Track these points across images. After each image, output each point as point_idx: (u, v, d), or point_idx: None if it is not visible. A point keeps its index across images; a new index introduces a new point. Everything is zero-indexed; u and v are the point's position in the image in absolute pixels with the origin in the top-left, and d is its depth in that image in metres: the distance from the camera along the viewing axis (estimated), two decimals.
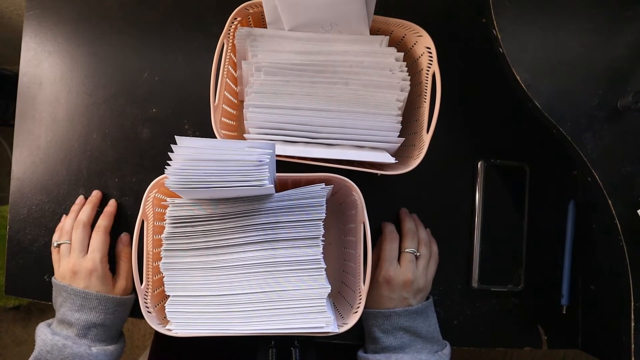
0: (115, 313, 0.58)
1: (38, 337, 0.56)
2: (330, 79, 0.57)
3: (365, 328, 0.60)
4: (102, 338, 0.57)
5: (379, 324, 0.57)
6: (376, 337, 0.57)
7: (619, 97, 0.55)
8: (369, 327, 0.59)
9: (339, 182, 0.55)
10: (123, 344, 0.62)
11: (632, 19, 0.55)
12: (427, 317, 0.59)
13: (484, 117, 0.69)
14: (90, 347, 0.55)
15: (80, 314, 0.56)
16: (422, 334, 0.57)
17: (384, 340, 0.57)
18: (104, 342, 0.57)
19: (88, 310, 0.56)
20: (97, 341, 0.57)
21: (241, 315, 0.52)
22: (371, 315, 0.58)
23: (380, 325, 0.57)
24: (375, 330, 0.58)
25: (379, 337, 0.57)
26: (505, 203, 0.67)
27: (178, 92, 0.67)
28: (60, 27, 0.68)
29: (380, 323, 0.57)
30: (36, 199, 0.66)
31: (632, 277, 0.55)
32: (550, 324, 0.68)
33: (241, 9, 0.57)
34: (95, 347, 0.56)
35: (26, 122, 0.67)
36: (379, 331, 0.57)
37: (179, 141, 0.45)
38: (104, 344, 0.57)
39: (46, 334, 0.55)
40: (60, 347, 0.54)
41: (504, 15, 0.56)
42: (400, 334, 0.56)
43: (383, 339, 0.57)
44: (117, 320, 0.59)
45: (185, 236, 0.53)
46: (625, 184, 0.55)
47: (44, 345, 0.54)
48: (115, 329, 0.60)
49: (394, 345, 0.56)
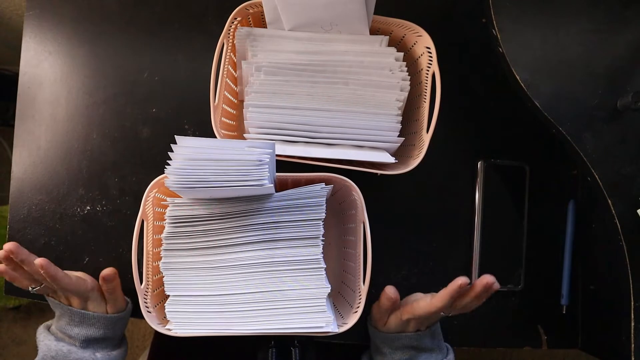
0: (114, 328, 0.59)
1: (41, 342, 0.56)
2: (330, 79, 0.57)
3: (372, 338, 0.61)
4: (104, 346, 0.58)
5: (388, 343, 0.59)
6: (384, 352, 0.59)
7: (619, 97, 0.55)
8: (378, 342, 0.60)
9: (338, 182, 0.55)
10: (126, 347, 0.62)
11: (632, 19, 0.55)
12: (434, 332, 0.59)
13: (484, 117, 0.69)
14: (95, 353, 0.56)
15: (80, 329, 0.56)
16: (428, 347, 0.58)
17: (392, 356, 0.58)
18: (107, 349, 0.58)
19: (87, 326, 0.57)
20: (100, 349, 0.57)
21: (241, 315, 0.52)
22: (381, 336, 0.59)
23: (389, 344, 0.58)
24: (384, 346, 0.59)
25: (386, 352, 0.59)
26: (505, 203, 0.67)
27: (178, 92, 0.67)
28: (60, 27, 0.68)
29: (390, 343, 0.58)
30: (36, 199, 0.66)
31: (632, 277, 0.55)
32: (550, 324, 0.68)
33: (241, 9, 0.57)
34: (99, 353, 0.57)
35: (26, 122, 0.67)
36: (387, 347, 0.59)
37: (179, 141, 0.45)
38: (107, 350, 0.58)
39: (50, 339, 0.55)
40: (65, 353, 0.54)
41: (504, 15, 0.56)
42: (408, 350, 0.58)
43: (391, 354, 0.58)
44: (118, 331, 0.60)
45: (185, 236, 0.53)
46: (625, 184, 0.55)
47: (48, 350, 0.54)
48: (117, 337, 0.60)
49: (402, 358, 0.58)
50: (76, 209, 0.66)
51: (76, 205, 0.66)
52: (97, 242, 0.65)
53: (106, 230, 0.66)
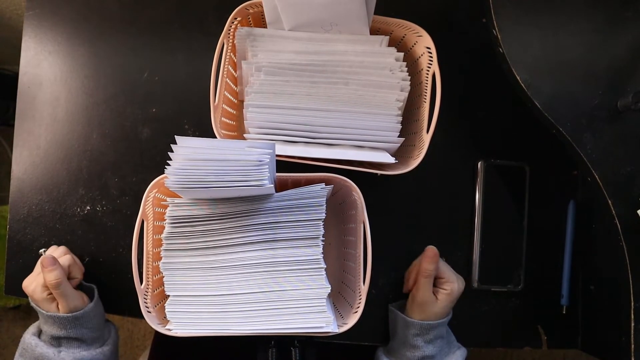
0: (75, 327, 0.56)
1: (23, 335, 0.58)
2: (330, 79, 0.57)
3: (401, 334, 0.60)
4: (74, 345, 0.57)
5: (423, 334, 0.58)
6: (418, 346, 0.58)
7: (619, 97, 0.55)
8: (410, 335, 0.59)
9: (339, 182, 0.55)
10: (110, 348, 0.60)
11: (632, 19, 0.55)
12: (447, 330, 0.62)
13: (484, 117, 0.69)
14: (60, 351, 0.56)
15: (47, 327, 0.56)
16: (444, 335, 0.60)
17: (425, 349, 0.58)
18: (78, 348, 0.57)
19: (50, 324, 0.56)
20: (69, 347, 0.56)
21: (241, 315, 0.52)
22: (418, 326, 0.58)
23: (424, 335, 0.58)
24: (418, 340, 0.58)
25: (420, 345, 0.58)
26: (505, 203, 0.67)
27: (178, 92, 0.67)
28: (60, 27, 0.68)
29: (425, 333, 0.58)
30: (36, 199, 0.66)
31: (632, 277, 0.55)
32: (550, 324, 0.68)
33: (241, 9, 0.57)
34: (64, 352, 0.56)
35: (26, 122, 0.67)
36: (422, 340, 0.58)
37: (179, 141, 0.45)
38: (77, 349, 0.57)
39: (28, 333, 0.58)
40: (32, 346, 0.56)
41: (504, 15, 0.56)
42: (439, 341, 0.59)
43: (424, 348, 0.58)
44: (84, 330, 0.57)
45: (185, 236, 0.53)
46: (625, 184, 0.55)
47: (22, 342, 0.57)
48: (89, 337, 0.58)
49: (432, 353, 0.58)
50: (76, 209, 0.66)
51: (76, 205, 0.66)
52: (97, 242, 0.65)
53: (106, 230, 0.66)
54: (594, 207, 0.66)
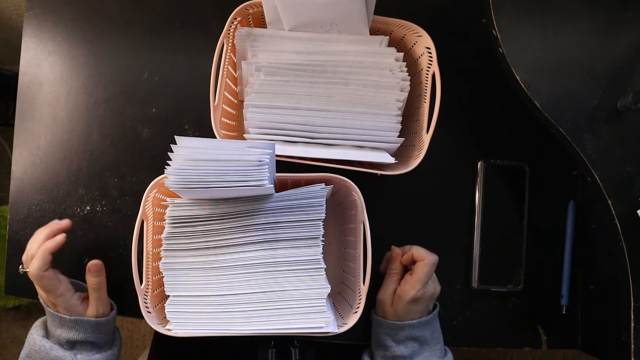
0: (95, 332, 0.57)
1: (30, 335, 0.56)
2: (330, 79, 0.57)
3: (374, 334, 0.61)
4: (88, 349, 0.57)
5: (392, 334, 0.58)
6: (387, 346, 0.58)
7: (619, 97, 0.55)
8: (381, 334, 0.59)
9: (338, 182, 0.55)
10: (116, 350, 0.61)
11: (632, 19, 0.55)
12: (434, 324, 0.60)
13: (484, 117, 0.69)
14: (77, 355, 0.56)
15: (62, 330, 0.56)
16: (429, 340, 0.58)
17: (396, 350, 0.57)
18: (90, 352, 0.57)
19: (67, 329, 0.56)
20: (83, 351, 0.57)
21: (241, 315, 0.52)
22: (385, 325, 0.59)
23: (393, 335, 0.58)
24: (387, 339, 0.58)
25: (390, 345, 0.58)
26: (505, 203, 0.67)
27: (178, 92, 0.67)
28: (60, 27, 0.68)
29: (394, 333, 0.58)
30: (36, 199, 0.66)
31: (632, 277, 0.55)
32: (550, 324, 0.68)
33: (241, 9, 0.57)
34: (80, 355, 0.56)
35: (26, 122, 0.67)
36: (391, 340, 0.58)
37: (179, 141, 0.45)
38: (91, 353, 0.57)
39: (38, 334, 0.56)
40: (47, 349, 0.55)
41: (504, 15, 0.56)
42: (411, 343, 0.57)
43: (394, 348, 0.58)
44: (101, 335, 0.58)
45: (185, 236, 0.53)
46: (625, 184, 0.55)
47: (33, 344, 0.56)
48: (102, 341, 0.59)
49: (404, 354, 0.57)
50: (76, 209, 0.66)
51: (76, 205, 0.66)
52: (97, 242, 0.65)
53: (106, 230, 0.66)
54: (593, 207, 0.66)
